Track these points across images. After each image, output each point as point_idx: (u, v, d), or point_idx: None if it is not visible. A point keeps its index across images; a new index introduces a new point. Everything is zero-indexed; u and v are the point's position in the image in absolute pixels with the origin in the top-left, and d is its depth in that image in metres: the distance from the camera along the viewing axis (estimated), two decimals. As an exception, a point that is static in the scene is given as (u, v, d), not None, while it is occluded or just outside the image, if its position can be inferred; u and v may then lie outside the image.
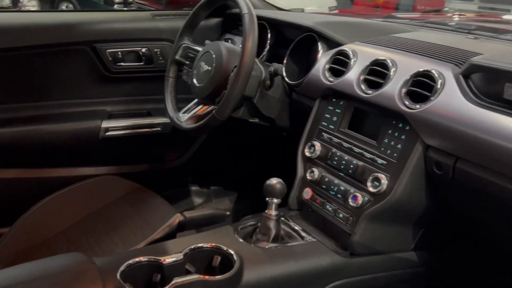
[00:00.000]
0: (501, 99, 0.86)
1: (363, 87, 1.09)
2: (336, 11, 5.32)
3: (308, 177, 1.17)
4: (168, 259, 0.90)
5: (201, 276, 0.87)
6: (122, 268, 0.85)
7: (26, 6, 5.38)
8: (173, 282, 0.85)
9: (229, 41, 1.63)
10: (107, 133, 1.56)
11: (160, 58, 1.61)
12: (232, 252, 0.94)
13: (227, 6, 1.64)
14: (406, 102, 0.99)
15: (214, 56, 1.25)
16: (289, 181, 1.18)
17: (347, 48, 1.18)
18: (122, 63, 1.57)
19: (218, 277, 0.87)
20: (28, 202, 1.37)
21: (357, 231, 1.03)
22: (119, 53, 1.55)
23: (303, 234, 1.09)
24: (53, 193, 1.40)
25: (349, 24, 1.43)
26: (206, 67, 1.26)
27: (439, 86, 0.94)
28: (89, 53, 1.51)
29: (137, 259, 0.87)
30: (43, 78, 1.48)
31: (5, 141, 1.45)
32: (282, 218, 1.12)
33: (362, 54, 1.15)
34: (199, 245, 0.94)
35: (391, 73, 1.04)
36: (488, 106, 0.87)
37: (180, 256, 0.91)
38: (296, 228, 1.11)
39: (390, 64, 1.05)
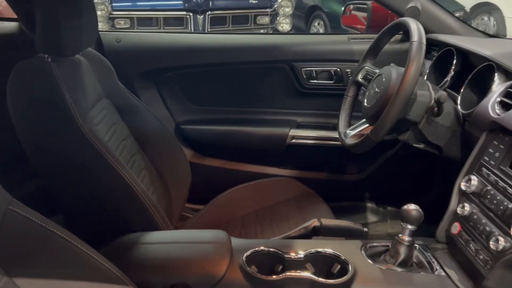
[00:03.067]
0: None
1: (527, 124, 0.99)
2: None
3: (458, 211, 1.12)
4: (289, 255, 1.03)
5: (310, 276, 0.97)
6: (248, 252, 1.02)
7: (281, 23, 6.16)
8: (286, 273, 0.98)
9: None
10: (293, 140, 1.77)
11: (350, 77, 1.72)
12: (348, 262, 1.01)
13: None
14: None
15: (384, 79, 1.31)
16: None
17: (522, 80, 1.08)
18: (314, 81, 1.75)
19: (323, 280, 0.96)
20: (222, 187, 1.68)
21: (492, 276, 0.95)
22: (313, 71, 1.74)
23: (435, 266, 1.06)
24: (240, 184, 1.68)
25: None
26: (376, 89, 1.33)
27: None
28: (287, 70, 1.74)
29: (261, 248, 1.03)
30: (248, 88, 1.79)
31: (215, 136, 1.82)
32: (419, 246, 1.12)
33: (536, 89, 1.04)
34: (319, 249, 1.04)
35: (559, 112, 0.93)
36: None
37: (301, 255, 1.03)
38: (431, 259, 1.09)
39: (561, 103, 0.94)
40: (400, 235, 1.06)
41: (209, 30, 4.67)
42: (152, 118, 1.49)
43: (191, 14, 4.59)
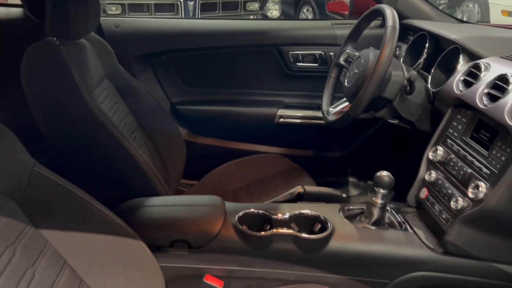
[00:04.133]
0: None
1: (484, 99, 1.13)
2: None
3: (426, 178, 1.26)
4: (276, 215, 1.16)
5: (293, 232, 1.11)
6: (240, 213, 1.15)
7: (271, 10, 6.25)
8: (272, 230, 1.12)
9: (397, 48, 1.75)
10: (280, 120, 1.90)
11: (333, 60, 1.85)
12: (327, 221, 1.15)
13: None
14: (514, 117, 1.01)
15: (362, 61, 1.44)
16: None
17: (482, 61, 1.22)
18: (301, 63, 1.88)
19: (305, 235, 1.10)
20: (215, 164, 1.81)
21: (452, 232, 1.10)
22: (300, 55, 1.86)
23: (404, 225, 1.21)
24: (232, 160, 1.81)
25: (496, 40, 1.41)
26: (355, 70, 1.46)
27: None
28: (275, 54, 1.87)
29: (252, 210, 1.16)
30: (239, 71, 1.91)
31: (208, 116, 1.94)
32: (391, 209, 1.26)
33: (493, 68, 1.17)
34: (302, 211, 1.17)
35: (510, 88, 1.06)
36: None
37: (286, 216, 1.17)
38: (401, 220, 1.23)
39: (511, 79, 1.07)
40: (374, 198, 1.20)
41: (199, 16, 4.75)
42: (150, 98, 1.60)
43: (181, 0, 4.66)
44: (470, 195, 1.07)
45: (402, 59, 1.63)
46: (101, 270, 0.90)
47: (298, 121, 1.92)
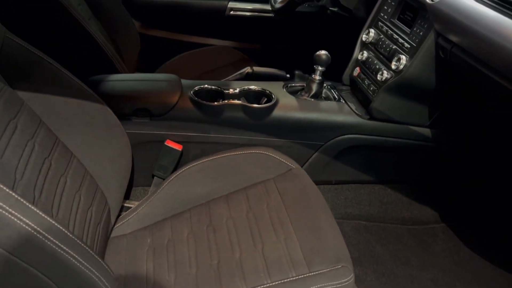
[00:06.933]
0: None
1: (410, -18, 1.27)
2: None
3: (359, 58, 1.43)
4: (228, 90, 1.31)
5: (241, 102, 1.27)
6: (196, 88, 1.29)
7: None
8: (224, 101, 1.27)
9: None
10: (231, 12, 1.98)
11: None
12: (272, 94, 1.31)
13: None
14: (432, -5, 1.16)
15: (306, -49, 1.53)
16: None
17: None
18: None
19: (252, 105, 1.26)
20: (168, 56, 1.89)
21: (376, 99, 1.29)
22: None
23: (338, 99, 1.39)
24: (184, 52, 1.90)
25: None
26: (300, -39, 1.55)
27: (455, -18, 1.10)
28: None
29: (206, 86, 1.30)
30: None
31: (160, 8, 1.98)
32: (327, 85, 1.44)
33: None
34: (250, 86, 1.33)
35: (431, -30, 1.21)
36: (485, 3, 1.02)
37: (237, 90, 1.32)
38: (336, 95, 1.41)
39: (433, -37, 1.21)
40: (313, 75, 1.37)
41: None
42: None
43: None
44: (393, 67, 1.25)
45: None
46: (73, 129, 1.01)
47: (248, 14, 2.01)
